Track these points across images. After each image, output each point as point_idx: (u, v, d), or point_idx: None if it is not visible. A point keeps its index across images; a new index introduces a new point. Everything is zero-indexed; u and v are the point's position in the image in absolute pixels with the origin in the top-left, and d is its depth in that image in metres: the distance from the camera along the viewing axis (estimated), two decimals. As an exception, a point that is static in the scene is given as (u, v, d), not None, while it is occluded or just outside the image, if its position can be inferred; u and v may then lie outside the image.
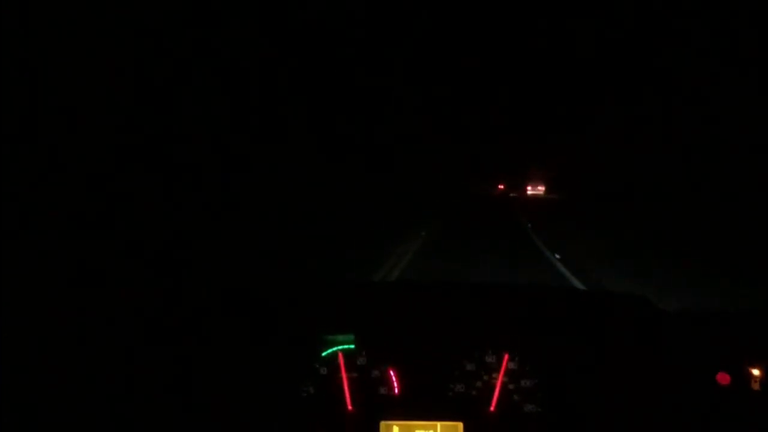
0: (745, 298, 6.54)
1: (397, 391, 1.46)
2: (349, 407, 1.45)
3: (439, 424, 1.42)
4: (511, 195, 49.25)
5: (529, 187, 53.70)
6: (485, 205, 30.43)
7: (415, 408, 1.44)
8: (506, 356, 1.47)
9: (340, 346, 1.49)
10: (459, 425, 1.42)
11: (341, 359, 1.48)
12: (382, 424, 1.43)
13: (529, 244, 12.99)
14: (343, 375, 1.47)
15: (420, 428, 1.43)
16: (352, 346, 1.49)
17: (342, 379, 1.47)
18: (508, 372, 1.47)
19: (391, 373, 1.47)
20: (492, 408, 1.45)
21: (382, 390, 1.47)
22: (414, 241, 12.59)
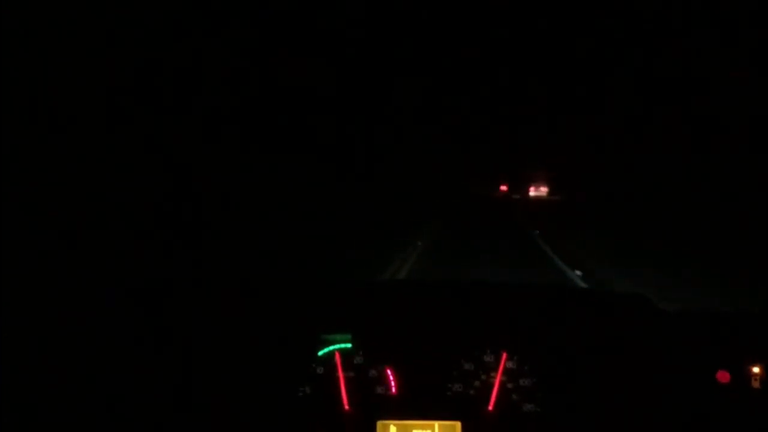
0: (745, 298, 6.54)
1: (394, 390, 1.46)
2: (346, 407, 1.45)
3: (436, 423, 1.41)
4: (514, 197, 49.31)
5: (532, 189, 53.73)
6: (487, 209, 29.86)
7: (413, 407, 1.43)
8: (504, 355, 1.47)
9: (336, 346, 1.49)
10: (457, 425, 1.41)
11: (338, 358, 1.47)
12: (379, 423, 1.42)
13: (541, 256, 11.93)
14: (340, 374, 1.46)
15: (417, 428, 1.42)
16: (348, 346, 1.49)
17: (339, 378, 1.46)
18: (507, 371, 1.46)
19: (389, 372, 1.46)
20: (490, 407, 1.44)
21: (379, 389, 1.46)
22: (407, 251, 11.48)
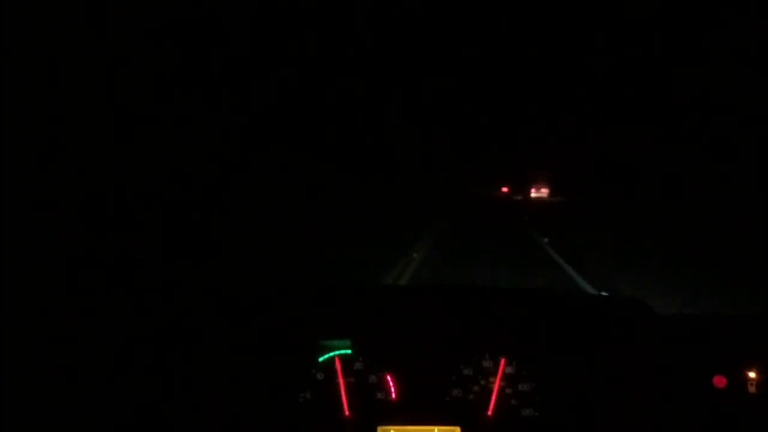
0: (744, 298, 6.55)
1: (394, 396, 1.46)
2: (347, 413, 1.46)
3: (436, 428, 1.42)
4: (516, 198, 49.68)
5: (533, 190, 54.14)
6: (490, 212, 29.51)
7: (413, 413, 1.44)
8: (503, 360, 1.47)
9: (336, 352, 1.49)
10: (456, 430, 1.42)
11: (338, 364, 1.48)
12: (380, 429, 1.42)
13: (557, 272, 10.22)
14: (340, 380, 1.47)
15: None
16: (348, 351, 1.49)
17: (339, 384, 1.47)
18: (506, 376, 1.47)
19: (388, 378, 1.47)
20: (490, 412, 1.45)
21: (379, 395, 1.47)
22: (402, 263, 10.39)
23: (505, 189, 58.80)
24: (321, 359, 1.49)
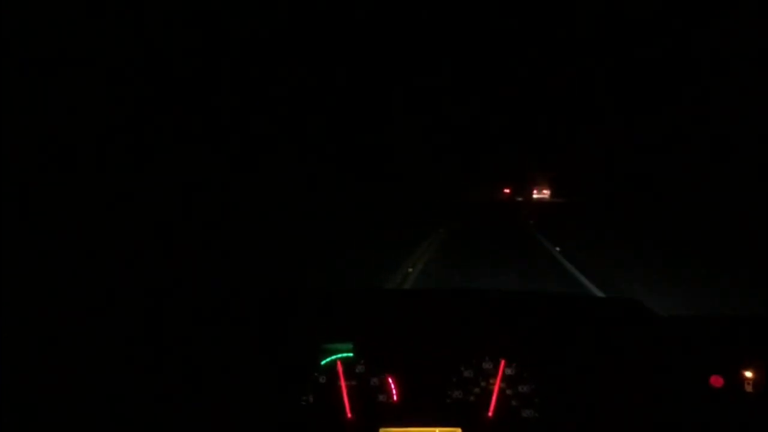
0: (744, 297, 6.54)
1: (395, 398, 1.48)
2: (349, 415, 1.47)
3: (437, 430, 1.44)
4: (518, 199, 50.33)
5: (535, 191, 54.98)
6: (491, 212, 28.67)
7: (414, 414, 1.46)
8: (503, 362, 1.49)
9: (338, 355, 1.51)
10: (458, 431, 1.43)
11: (340, 368, 1.49)
12: (382, 431, 1.44)
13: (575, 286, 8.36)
14: (342, 383, 1.48)
15: None
16: (350, 355, 1.51)
17: (341, 387, 1.48)
18: (505, 378, 1.48)
19: (390, 380, 1.49)
20: (490, 414, 1.46)
21: (381, 397, 1.48)
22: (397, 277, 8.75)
23: (508, 190, 59.00)
24: (323, 362, 1.50)
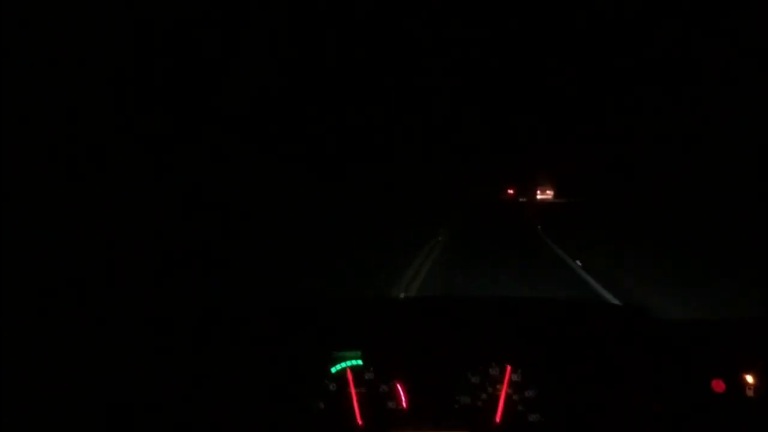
0: (745, 299, 6.54)
1: (404, 404, 1.51)
2: (359, 421, 1.50)
3: None
4: (521, 200, 50.48)
5: (538, 192, 55.20)
6: (494, 212, 28.47)
7: (423, 420, 1.48)
8: (509, 368, 1.51)
9: (348, 362, 1.53)
10: None
11: (350, 375, 1.52)
12: None
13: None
14: (352, 390, 1.51)
15: None
16: (359, 362, 1.54)
17: (351, 394, 1.51)
18: (512, 383, 1.51)
19: (399, 387, 1.51)
20: (497, 419, 1.49)
21: (390, 404, 1.51)
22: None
23: (511, 191, 59.00)
24: (333, 370, 1.53)
